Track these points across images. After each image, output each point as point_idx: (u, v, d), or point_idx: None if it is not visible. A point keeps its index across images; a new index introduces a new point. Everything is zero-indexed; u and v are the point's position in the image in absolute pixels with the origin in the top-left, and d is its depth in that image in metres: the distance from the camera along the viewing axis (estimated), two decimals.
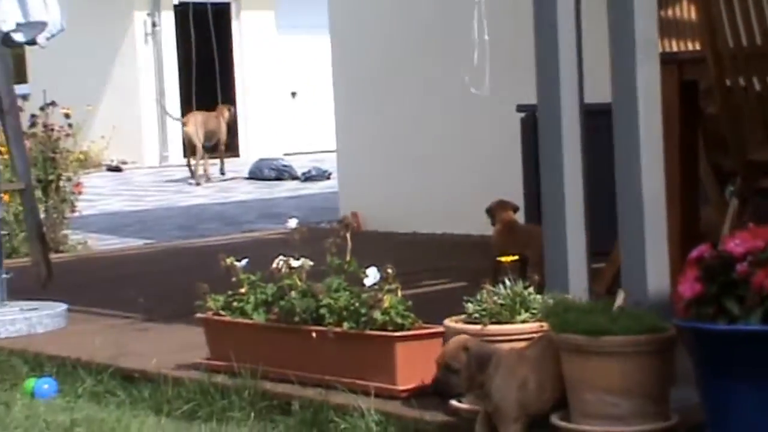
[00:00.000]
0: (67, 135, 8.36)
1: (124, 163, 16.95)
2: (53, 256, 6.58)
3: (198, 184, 14.48)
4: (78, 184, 8.58)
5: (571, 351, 3.07)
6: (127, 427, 3.70)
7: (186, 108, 16.58)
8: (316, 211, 10.68)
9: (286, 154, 16.73)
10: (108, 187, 14.38)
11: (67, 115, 8.66)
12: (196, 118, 14.83)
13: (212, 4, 13.98)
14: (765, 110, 4.28)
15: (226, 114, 15.28)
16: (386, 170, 8.30)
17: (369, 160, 8.42)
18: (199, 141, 14.70)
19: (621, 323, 3.03)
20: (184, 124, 14.79)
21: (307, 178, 14.44)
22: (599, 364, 3.00)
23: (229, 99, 17.76)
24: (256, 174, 14.91)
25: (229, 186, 14.44)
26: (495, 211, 4.80)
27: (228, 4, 18.25)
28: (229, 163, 15.63)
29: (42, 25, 4.96)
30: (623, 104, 3.39)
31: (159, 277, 6.56)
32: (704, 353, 2.81)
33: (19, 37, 5.01)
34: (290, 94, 18.80)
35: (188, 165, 14.93)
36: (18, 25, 4.95)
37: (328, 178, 13.87)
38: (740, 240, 2.72)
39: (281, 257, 3.88)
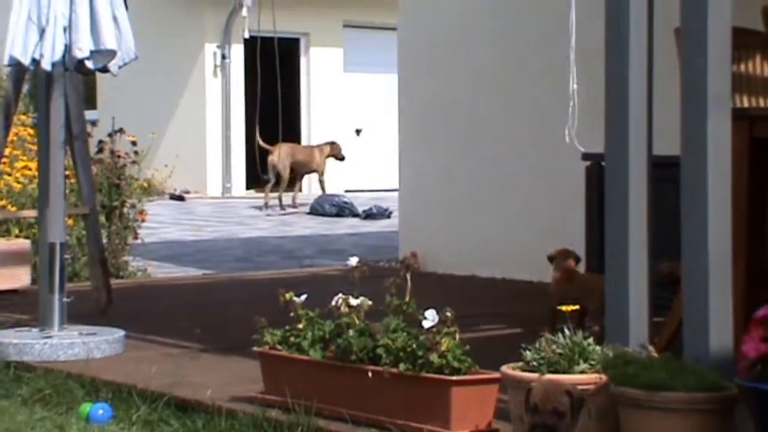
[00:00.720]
0: (134, 162, 8.45)
1: (187, 192, 17.09)
2: (113, 281, 6.65)
3: (283, 209, 14.98)
4: (142, 212, 8.66)
5: (629, 405, 3.03)
6: None
7: (251, 140, 16.68)
8: (375, 249, 10.68)
9: (347, 191, 16.78)
10: (170, 215, 14.50)
11: (133, 143, 8.76)
12: (282, 148, 15.06)
13: (280, 39, 14.12)
14: None
15: (327, 150, 15.71)
16: (448, 211, 8.28)
17: (431, 200, 8.41)
18: (283, 170, 15.12)
19: (681, 380, 2.99)
20: (269, 153, 15.05)
21: (368, 215, 14.46)
22: (658, 420, 2.96)
23: (294, 134, 17.88)
24: (317, 209, 14.96)
25: (290, 220, 14.50)
26: (557, 258, 4.78)
27: (297, 40, 18.41)
28: (292, 197, 15.72)
29: (112, 53, 5.02)
30: (692, 156, 3.36)
31: (216, 308, 6.58)
32: (766, 414, 2.76)
33: (91, 64, 5.07)
34: (354, 132, 18.88)
35: (272, 195, 15.24)
36: (91, 52, 5.01)
37: (389, 216, 13.88)
38: None
39: (341, 295, 3.88)
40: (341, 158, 15.88)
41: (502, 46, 7.97)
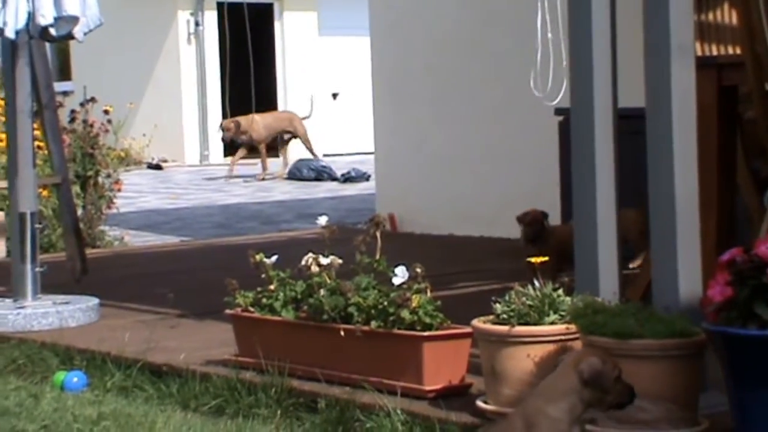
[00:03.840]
0: (106, 131, 8.40)
1: (165, 161, 17.03)
2: (89, 251, 6.62)
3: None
4: (118, 181, 8.62)
5: None
6: (153, 422, 3.70)
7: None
8: (354, 212, 10.67)
9: (325, 155, 16.74)
10: (148, 184, 14.45)
11: (106, 112, 8.70)
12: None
13: (252, 4, 14.01)
14: None
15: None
16: (424, 172, 8.27)
17: (407, 162, 8.39)
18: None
19: (650, 327, 3.00)
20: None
21: (347, 179, 14.44)
22: (628, 367, 2.96)
23: (270, 101, 17.79)
24: (296, 174, 14.93)
25: (268, 186, 14.47)
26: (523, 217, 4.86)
27: (270, 5, 18.30)
28: (270, 162, 15.67)
29: (75, 20, 4.97)
30: (657, 108, 3.35)
31: (193, 274, 6.57)
32: (733, 358, 2.77)
33: (54, 31, 5.02)
34: (331, 96, 18.81)
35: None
36: (54, 18, 4.96)
37: (368, 179, 13.86)
38: None
39: (310, 254, 3.87)
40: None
41: (473, 4, 7.93)
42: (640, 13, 3.42)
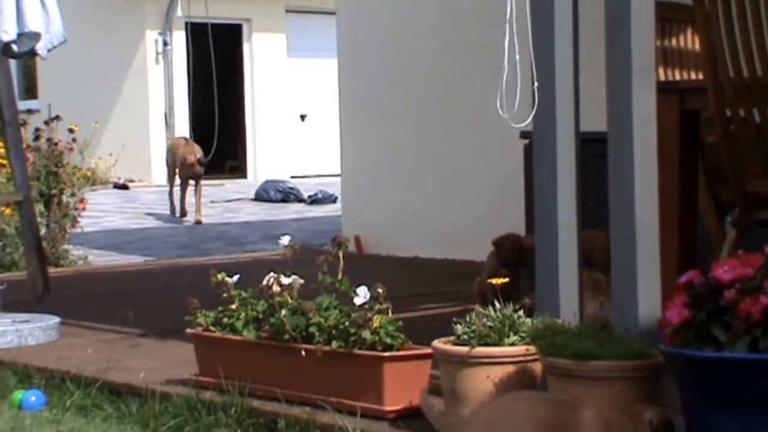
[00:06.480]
0: (71, 149, 8.37)
1: (132, 181, 16.96)
2: (52, 270, 6.58)
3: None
4: (82, 200, 8.58)
5: (559, 375, 3.04)
6: None
7: (196, 128, 16.57)
8: (320, 233, 10.66)
9: (293, 177, 16.74)
10: (114, 204, 14.39)
11: (71, 130, 8.67)
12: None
13: (221, 25, 13.98)
14: (764, 142, 4.26)
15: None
16: (390, 194, 8.28)
17: (373, 183, 8.40)
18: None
19: (609, 348, 3.01)
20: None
21: (313, 201, 14.44)
22: (587, 389, 2.97)
23: (238, 123, 17.77)
24: (262, 195, 14.92)
25: (235, 207, 14.44)
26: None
27: (239, 26, 18.30)
28: (236, 184, 15.65)
29: (38, 36, 4.95)
30: (618, 130, 3.37)
31: (156, 294, 6.54)
32: (690, 380, 2.78)
33: (17, 47, 5.00)
34: (299, 117, 18.82)
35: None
36: (17, 35, 4.94)
37: (335, 201, 13.86)
38: (729, 267, 2.69)
39: (272, 274, 3.86)
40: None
41: (442, 26, 7.96)
42: (603, 36, 3.44)
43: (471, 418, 2.92)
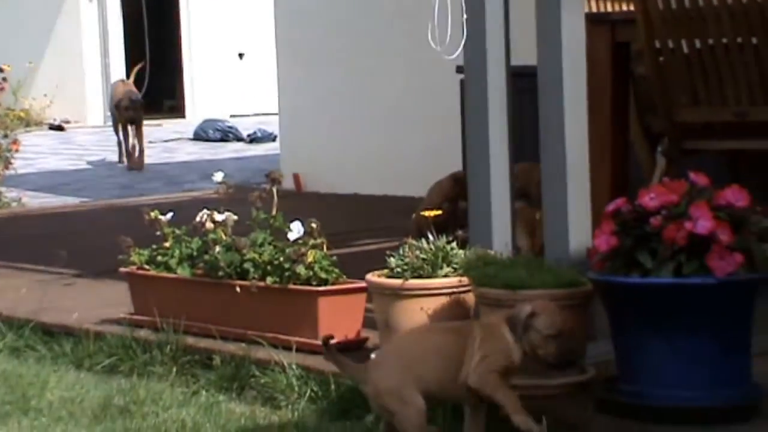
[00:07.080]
0: (2, 89, 8.23)
1: (67, 122, 16.73)
2: None
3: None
4: (15, 141, 8.46)
5: (491, 305, 3.06)
6: (45, 381, 3.66)
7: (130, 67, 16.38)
8: (259, 172, 10.58)
9: (232, 116, 16.59)
10: (49, 145, 14.19)
11: (1, 70, 8.52)
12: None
13: None
14: (691, 73, 4.29)
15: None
16: (328, 132, 8.24)
17: (311, 121, 8.36)
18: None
19: (539, 277, 3.03)
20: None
21: (253, 139, 14.33)
22: None
23: (175, 61, 17.55)
24: (201, 135, 14.77)
25: (173, 146, 14.31)
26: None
27: None
28: (175, 123, 15.50)
29: None
30: (547, 59, 3.37)
31: (92, 235, 6.48)
32: (617, 306, 2.81)
33: None
34: (237, 56, 18.63)
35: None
36: None
37: (274, 140, 13.77)
38: (655, 194, 2.72)
39: (205, 211, 3.84)
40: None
41: None
42: None
43: (378, 361, 2.90)
